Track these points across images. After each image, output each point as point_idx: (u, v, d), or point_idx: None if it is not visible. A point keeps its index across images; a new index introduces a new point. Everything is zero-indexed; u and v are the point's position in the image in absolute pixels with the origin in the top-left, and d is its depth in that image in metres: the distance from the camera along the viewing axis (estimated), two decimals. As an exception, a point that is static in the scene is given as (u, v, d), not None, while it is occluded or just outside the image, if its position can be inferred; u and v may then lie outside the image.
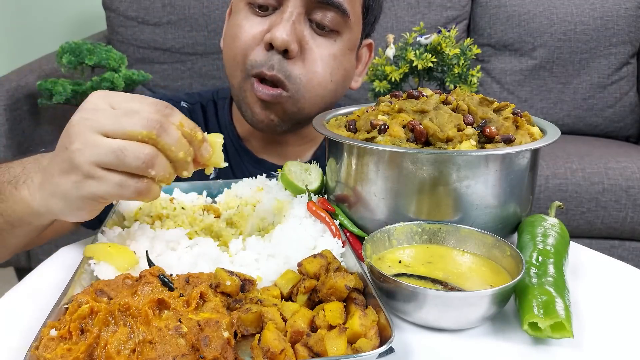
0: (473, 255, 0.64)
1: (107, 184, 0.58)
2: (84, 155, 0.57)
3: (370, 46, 1.10)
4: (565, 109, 2.50)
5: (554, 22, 2.43)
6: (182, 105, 1.13)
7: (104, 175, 0.58)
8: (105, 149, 0.57)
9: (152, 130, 0.57)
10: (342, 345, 0.47)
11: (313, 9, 0.92)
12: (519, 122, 0.71)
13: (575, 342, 0.54)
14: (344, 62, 0.99)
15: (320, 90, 0.96)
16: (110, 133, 0.57)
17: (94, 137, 0.57)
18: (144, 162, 0.57)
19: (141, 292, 0.52)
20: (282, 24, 0.89)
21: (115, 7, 2.49)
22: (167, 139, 0.58)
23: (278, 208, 0.77)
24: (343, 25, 0.94)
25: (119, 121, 0.57)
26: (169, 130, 0.59)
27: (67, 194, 0.60)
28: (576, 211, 1.94)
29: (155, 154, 0.58)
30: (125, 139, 0.57)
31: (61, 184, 0.60)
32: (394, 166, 0.66)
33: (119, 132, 0.57)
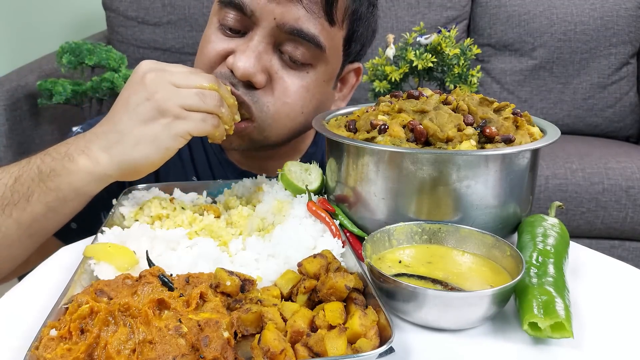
0: (473, 255, 0.64)
1: (193, 121, 0.73)
2: (172, 100, 0.72)
3: (358, 71, 1.03)
4: (565, 109, 2.50)
5: (554, 22, 2.43)
6: None
7: (189, 115, 0.73)
8: (189, 94, 0.73)
9: (214, 82, 0.76)
10: (342, 345, 0.47)
11: (283, 39, 0.84)
12: (519, 122, 0.71)
13: (575, 342, 0.54)
14: (317, 94, 0.91)
15: (289, 122, 0.90)
16: (183, 85, 0.73)
17: (173, 88, 0.73)
18: (218, 101, 0.75)
19: (141, 292, 0.52)
20: (245, 53, 0.83)
21: (115, 7, 2.49)
22: (223, 90, 0.78)
23: (278, 208, 0.77)
24: (318, 58, 0.86)
25: (188, 77, 0.74)
26: (221, 85, 0.78)
27: (157, 137, 0.72)
28: (576, 211, 1.94)
29: (221, 97, 0.76)
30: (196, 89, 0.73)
31: (149, 130, 0.72)
32: (394, 166, 0.66)
33: (191, 84, 0.74)
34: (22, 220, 0.74)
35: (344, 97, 1.03)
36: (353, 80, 1.03)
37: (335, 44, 0.88)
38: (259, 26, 0.83)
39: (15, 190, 0.74)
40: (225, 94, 0.78)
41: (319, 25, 0.83)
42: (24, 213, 0.73)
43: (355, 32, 0.91)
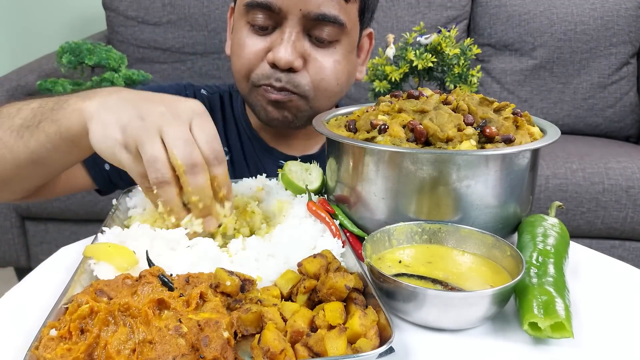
0: (473, 255, 0.64)
1: (132, 163, 0.66)
2: (138, 137, 0.65)
3: (371, 35, 1.13)
4: (565, 109, 2.50)
5: (554, 22, 2.43)
6: (202, 93, 1.17)
7: (132, 157, 0.66)
8: (148, 149, 0.65)
9: (185, 165, 0.65)
10: (342, 345, 0.47)
11: (311, 25, 0.95)
12: (519, 122, 0.71)
13: (575, 342, 0.54)
14: (347, 65, 1.02)
15: (328, 93, 1.01)
16: (167, 140, 0.65)
17: (154, 138, 0.65)
18: (157, 178, 0.65)
19: (141, 292, 0.52)
20: (283, 45, 0.94)
21: (115, 7, 2.49)
22: (192, 178, 0.65)
23: (278, 208, 0.77)
24: (341, 34, 0.98)
25: (175, 141, 0.65)
26: (198, 174, 0.66)
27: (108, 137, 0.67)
28: (576, 211, 1.94)
29: (168, 181, 0.65)
30: (168, 153, 0.65)
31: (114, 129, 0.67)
32: (394, 166, 0.66)
33: (169, 148, 0.65)
34: (29, 144, 0.77)
35: (362, 62, 1.14)
36: (367, 45, 1.13)
37: (352, 17, 0.99)
38: (288, 19, 0.94)
39: (35, 114, 0.77)
40: (191, 182, 0.65)
41: (337, 5, 0.94)
42: (31, 138, 0.76)
43: (366, 2, 1.02)
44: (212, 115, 0.97)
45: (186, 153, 0.65)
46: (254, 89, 1.00)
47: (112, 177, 1.05)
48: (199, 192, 0.66)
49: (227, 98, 1.19)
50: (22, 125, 0.78)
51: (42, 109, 0.77)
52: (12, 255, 2.18)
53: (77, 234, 2.16)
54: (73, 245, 0.74)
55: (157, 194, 0.65)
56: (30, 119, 0.77)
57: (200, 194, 0.66)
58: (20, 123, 0.78)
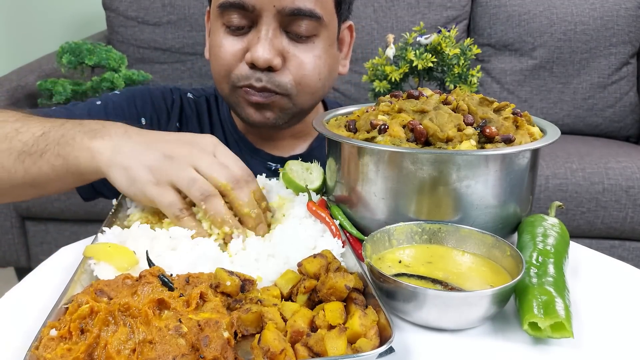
0: (473, 255, 0.64)
1: (163, 195, 0.69)
2: (170, 171, 0.69)
3: (351, 28, 1.11)
4: (565, 109, 2.50)
5: (554, 22, 2.43)
6: (189, 96, 1.17)
7: (162, 189, 0.69)
8: (185, 175, 0.69)
9: (229, 183, 0.70)
10: (342, 345, 0.47)
11: (287, 21, 0.93)
12: (519, 122, 0.71)
13: (575, 342, 0.54)
14: (328, 59, 1.01)
15: (310, 90, 1.00)
16: (200, 171, 0.69)
17: (187, 168, 0.69)
18: (202, 194, 0.68)
19: (141, 292, 0.52)
20: (260, 44, 0.91)
21: (115, 7, 2.49)
22: (239, 193, 0.70)
23: (279, 205, 0.78)
24: (319, 27, 0.96)
25: (211, 167, 0.70)
26: (243, 188, 0.71)
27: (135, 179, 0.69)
28: (576, 211, 1.94)
29: (214, 194, 0.69)
30: (207, 180, 0.69)
31: (139, 169, 0.69)
32: (394, 166, 0.66)
33: (207, 175, 0.69)
34: (30, 171, 0.77)
35: (345, 56, 1.13)
36: (348, 38, 1.12)
37: (329, 9, 0.97)
38: (262, 17, 0.92)
39: (37, 142, 0.77)
40: (239, 196, 0.70)
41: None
42: (33, 166, 0.77)
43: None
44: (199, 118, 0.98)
45: (226, 173, 0.70)
46: (234, 90, 0.99)
47: (96, 186, 1.03)
48: (249, 204, 0.71)
49: (213, 101, 1.18)
50: (23, 150, 0.77)
51: (46, 137, 0.77)
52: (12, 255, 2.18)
53: (77, 234, 2.16)
54: (73, 245, 0.74)
55: (206, 209, 0.68)
56: (31, 146, 0.77)
57: (250, 205, 0.71)
58: (20, 147, 0.77)
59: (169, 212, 0.69)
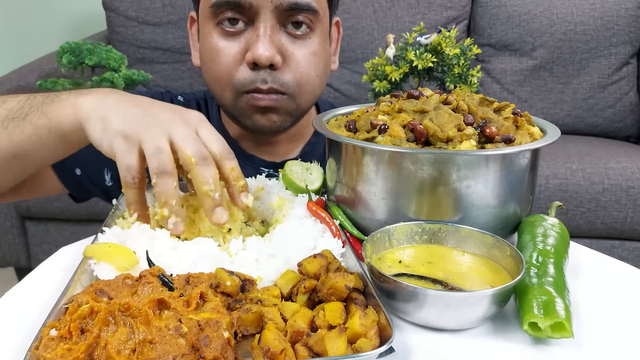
0: (473, 255, 0.64)
1: (126, 152, 0.67)
2: (143, 129, 0.67)
3: (338, 24, 1.11)
4: (565, 109, 2.50)
5: (554, 22, 2.43)
6: (179, 99, 1.15)
7: (128, 146, 0.67)
8: (154, 141, 0.66)
9: (195, 157, 0.67)
10: (342, 345, 0.47)
11: (284, 17, 0.92)
12: (519, 122, 0.71)
13: (575, 342, 0.54)
14: (323, 54, 1.00)
15: (309, 87, 0.99)
16: (175, 139, 0.67)
17: (161, 135, 0.67)
18: (158, 168, 0.66)
19: (141, 292, 0.52)
20: (260, 41, 0.89)
21: (115, 7, 2.49)
22: (203, 170, 0.67)
23: (279, 205, 0.78)
24: (315, 22, 0.95)
25: (186, 139, 0.68)
26: (209, 166, 0.68)
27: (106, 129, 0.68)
28: (576, 211, 1.94)
29: (170, 172, 0.66)
30: (176, 152, 0.67)
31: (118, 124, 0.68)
32: (394, 166, 0.66)
33: (178, 145, 0.67)
34: (13, 136, 0.76)
35: (334, 52, 1.12)
36: (336, 34, 1.12)
37: (322, 3, 0.97)
38: (260, 14, 0.90)
39: (22, 106, 0.77)
40: (201, 173, 0.67)
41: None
42: (16, 129, 0.75)
43: None
44: None
45: (196, 148, 0.67)
46: (239, 97, 0.95)
47: (84, 183, 1.03)
48: (210, 184, 0.67)
49: (203, 105, 1.16)
50: (7, 116, 0.76)
51: (31, 101, 0.77)
52: (12, 255, 2.18)
53: (77, 234, 2.16)
54: (73, 245, 0.74)
55: (155, 183, 0.66)
56: (16, 111, 0.76)
57: (210, 184, 0.67)
58: (5, 114, 0.77)
59: (123, 173, 0.67)
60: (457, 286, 0.57)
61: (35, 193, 1.03)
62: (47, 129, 0.74)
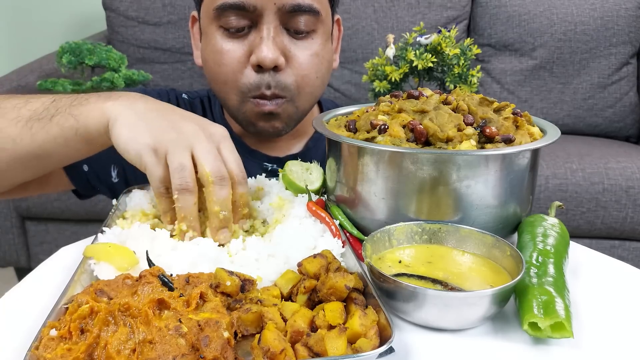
0: (473, 255, 0.64)
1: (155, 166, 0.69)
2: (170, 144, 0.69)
3: (339, 22, 1.11)
4: (565, 109, 2.50)
5: (554, 22, 2.43)
6: (183, 97, 1.16)
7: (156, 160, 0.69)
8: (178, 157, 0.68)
9: (213, 176, 0.68)
10: (342, 345, 0.47)
11: (287, 19, 0.92)
12: (519, 122, 0.71)
13: (575, 342, 0.54)
14: (325, 55, 1.01)
15: (309, 89, 0.99)
16: (197, 155, 0.69)
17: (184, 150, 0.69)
18: (181, 184, 0.67)
19: (141, 292, 0.52)
20: (264, 43, 0.90)
21: (115, 7, 2.49)
22: (218, 190, 0.68)
23: (279, 205, 0.78)
24: (317, 22, 0.96)
25: (207, 155, 0.69)
26: (224, 187, 0.69)
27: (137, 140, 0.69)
28: (576, 211, 1.94)
29: (191, 190, 0.68)
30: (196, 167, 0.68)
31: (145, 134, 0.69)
32: (394, 166, 0.66)
33: (199, 160, 0.68)
34: (37, 137, 0.76)
35: (335, 50, 1.13)
36: (337, 32, 1.12)
37: (325, 4, 0.97)
38: (263, 16, 0.91)
39: (47, 108, 0.77)
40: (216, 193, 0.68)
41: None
42: (41, 130, 0.76)
43: None
44: None
45: (216, 166, 0.69)
46: (244, 102, 0.97)
47: (91, 179, 1.04)
48: (222, 204, 0.68)
49: (207, 102, 1.17)
50: (32, 117, 0.77)
51: (57, 103, 0.78)
52: (12, 255, 2.18)
53: (77, 234, 2.16)
54: (73, 245, 0.74)
55: (176, 200, 0.68)
56: (41, 112, 0.77)
57: (222, 205, 0.69)
58: (29, 115, 0.77)
59: (155, 184, 0.69)
60: (457, 286, 0.57)
61: (43, 189, 1.04)
62: (74, 131, 0.75)
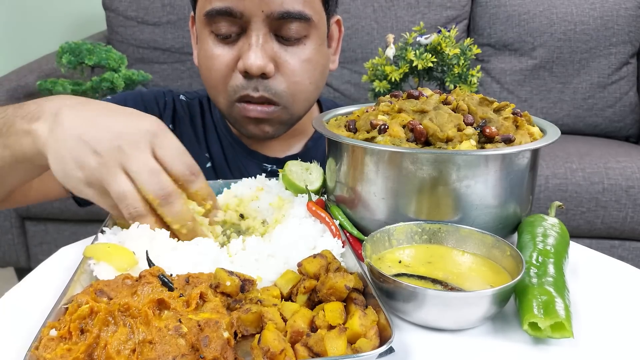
0: (473, 255, 0.64)
1: (100, 198, 0.66)
2: (99, 175, 0.64)
3: (339, 22, 1.09)
4: (565, 109, 2.50)
5: (554, 22, 2.43)
6: (181, 98, 1.16)
7: (98, 192, 0.65)
8: (114, 187, 0.63)
9: (157, 198, 0.64)
10: (342, 345, 0.47)
11: (276, 25, 0.91)
12: (519, 122, 0.71)
13: (575, 342, 0.54)
14: (319, 60, 0.99)
15: (303, 95, 0.98)
16: (131, 174, 0.64)
17: (117, 175, 0.64)
18: (130, 213, 0.64)
19: (141, 292, 0.52)
20: (252, 50, 0.90)
21: (115, 7, 2.49)
22: (168, 209, 0.65)
23: (278, 205, 0.78)
24: (308, 28, 0.94)
25: (140, 174, 0.64)
26: (173, 203, 0.65)
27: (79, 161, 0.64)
28: (576, 211, 1.94)
29: (143, 214, 0.65)
30: (136, 185, 0.64)
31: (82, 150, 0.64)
32: (394, 166, 0.66)
33: (137, 180, 0.64)
34: None
35: (334, 52, 1.11)
36: (337, 33, 1.10)
37: (317, 9, 0.95)
38: (252, 23, 0.90)
39: None
40: (169, 213, 0.65)
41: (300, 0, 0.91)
42: None
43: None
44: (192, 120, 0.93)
45: (154, 184, 0.64)
46: (232, 105, 0.97)
47: None
48: (179, 220, 0.66)
49: (206, 103, 1.16)
50: None
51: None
52: (12, 255, 2.18)
53: (77, 234, 2.16)
54: (73, 245, 0.74)
55: (142, 222, 0.65)
56: None
57: (180, 221, 0.66)
58: None
59: (114, 214, 0.67)
60: (457, 286, 0.57)
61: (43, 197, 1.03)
62: (15, 159, 0.72)
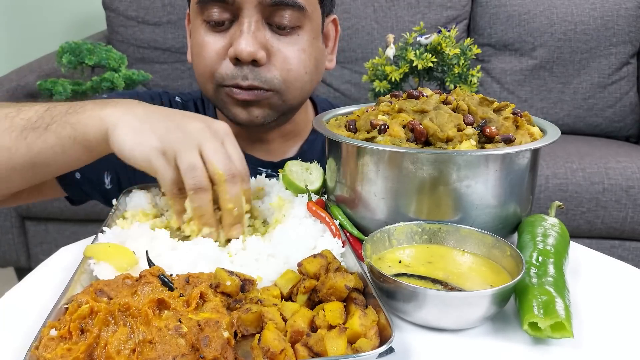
0: (473, 255, 0.64)
1: (166, 169, 0.69)
2: (177, 145, 0.69)
3: (335, 22, 1.09)
4: (565, 109, 2.50)
5: (554, 22, 2.43)
6: (177, 100, 1.15)
7: (166, 163, 0.69)
8: (188, 157, 0.68)
9: (226, 174, 0.69)
10: (342, 345, 0.47)
11: (269, 13, 0.91)
12: (519, 122, 0.71)
13: (575, 342, 0.54)
14: (313, 52, 0.98)
15: (298, 84, 0.97)
16: (207, 152, 0.69)
17: (193, 149, 0.69)
18: (195, 184, 0.68)
19: (141, 292, 0.52)
20: (242, 37, 0.89)
21: (115, 7, 2.49)
22: (231, 187, 0.70)
23: (279, 205, 0.78)
24: (302, 18, 0.93)
25: (216, 153, 0.70)
26: (236, 184, 0.70)
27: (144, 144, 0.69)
28: (576, 211, 1.94)
29: (206, 188, 0.68)
30: (206, 165, 0.69)
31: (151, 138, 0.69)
32: (394, 166, 0.66)
33: (209, 159, 0.69)
34: (33, 146, 0.75)
35: (331, 50, 1.11)
36: (333, 32, 1.10)
37: (312, 1, 0.95)
38: (244, 9, 0.90)
39: (41, 117, 0.76)
40: (229, 190, 0.70)
41: None
42: (37, 140, 0.75)
43: None
44: None
45: (227, 165, 0.69)
46: (219, 89, 0.96)
47: (83, 187, 1.03)
48: (235, 201, 0.70)
49: (200, 104, 1.16)
50: (26, 126, 0.76)
51: (51, 111, 0.76)
52: (12, 255, 2.18)
53: (77, 234, 2.16)
54: (73, 245, 0.74)
55: (192, 199, 0.68)
56: (35, 121, 0.76)
57: (235, 202, 0.70)
58: (23, 124, 0.76)
59: (168, 187, 0.69)
60: (457, 286, 0.57)
61: (35, 197, 1.02)
62: (72, 140, 0.74)
